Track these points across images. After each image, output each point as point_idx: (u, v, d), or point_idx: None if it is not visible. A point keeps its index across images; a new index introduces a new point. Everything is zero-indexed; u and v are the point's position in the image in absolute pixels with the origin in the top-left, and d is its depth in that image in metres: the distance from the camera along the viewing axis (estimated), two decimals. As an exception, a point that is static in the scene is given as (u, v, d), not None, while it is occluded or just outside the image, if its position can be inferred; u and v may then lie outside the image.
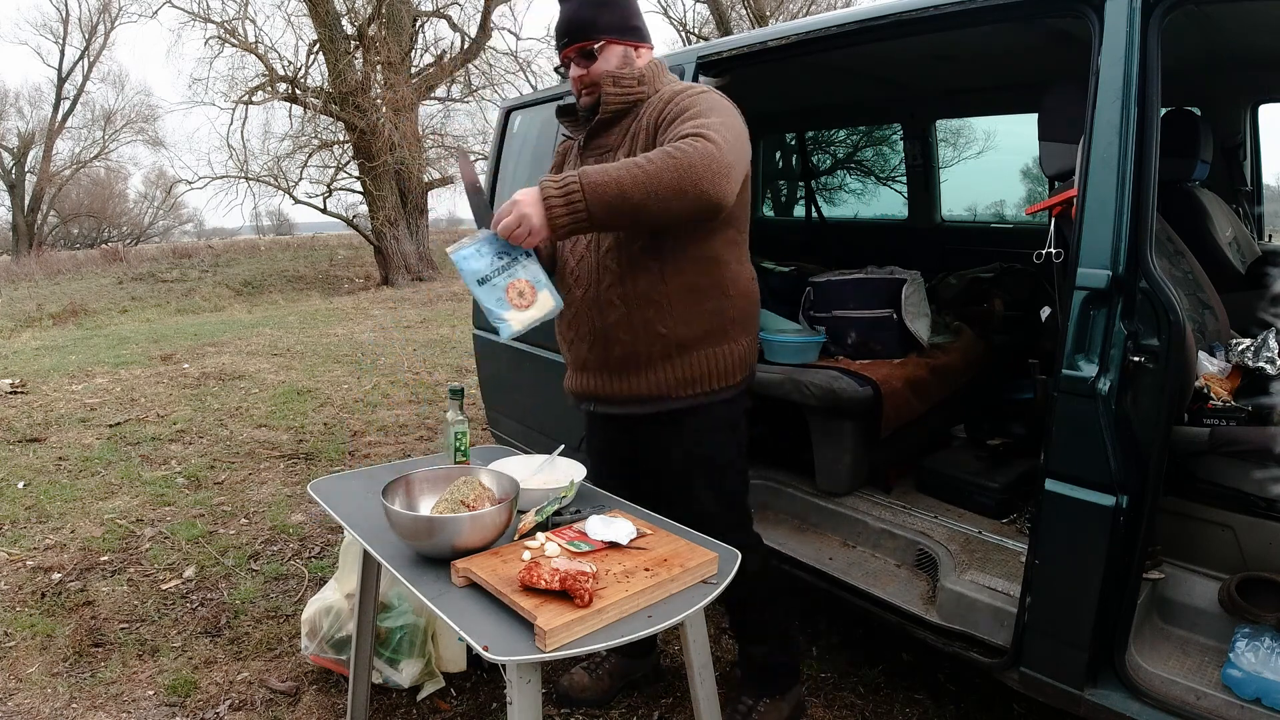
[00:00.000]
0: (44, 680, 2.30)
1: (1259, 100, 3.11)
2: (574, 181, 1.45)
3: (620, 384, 1.81)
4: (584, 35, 1.74)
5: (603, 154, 1.78)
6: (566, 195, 1.45)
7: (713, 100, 1.66)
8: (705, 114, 1.59)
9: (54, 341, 8.30)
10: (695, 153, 1.46)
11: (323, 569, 2.96)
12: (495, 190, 3.51)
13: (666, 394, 1.78)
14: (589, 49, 1.75)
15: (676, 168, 1.44)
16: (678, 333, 1.75)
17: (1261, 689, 1.52)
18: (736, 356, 1.82)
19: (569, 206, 1.46)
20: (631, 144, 1.72)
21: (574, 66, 1.78)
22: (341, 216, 15.20)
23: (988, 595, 1.97)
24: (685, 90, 1.70)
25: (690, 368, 1.77)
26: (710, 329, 1.77)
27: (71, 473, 4.04)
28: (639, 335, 1.75)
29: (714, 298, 1.77)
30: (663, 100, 1.70)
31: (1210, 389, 1.94)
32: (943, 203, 4.19)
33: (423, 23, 14.34)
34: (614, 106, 1.75)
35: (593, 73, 1.76)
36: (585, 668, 2.21)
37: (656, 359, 1.76)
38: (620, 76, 1.74)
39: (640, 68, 1.78)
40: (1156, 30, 1.53)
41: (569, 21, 1.76)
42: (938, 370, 2.71)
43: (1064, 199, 1.82)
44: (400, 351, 7.25)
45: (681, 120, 1.59)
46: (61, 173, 25.63)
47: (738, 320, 1.82)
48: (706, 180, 1.46)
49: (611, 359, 1.79)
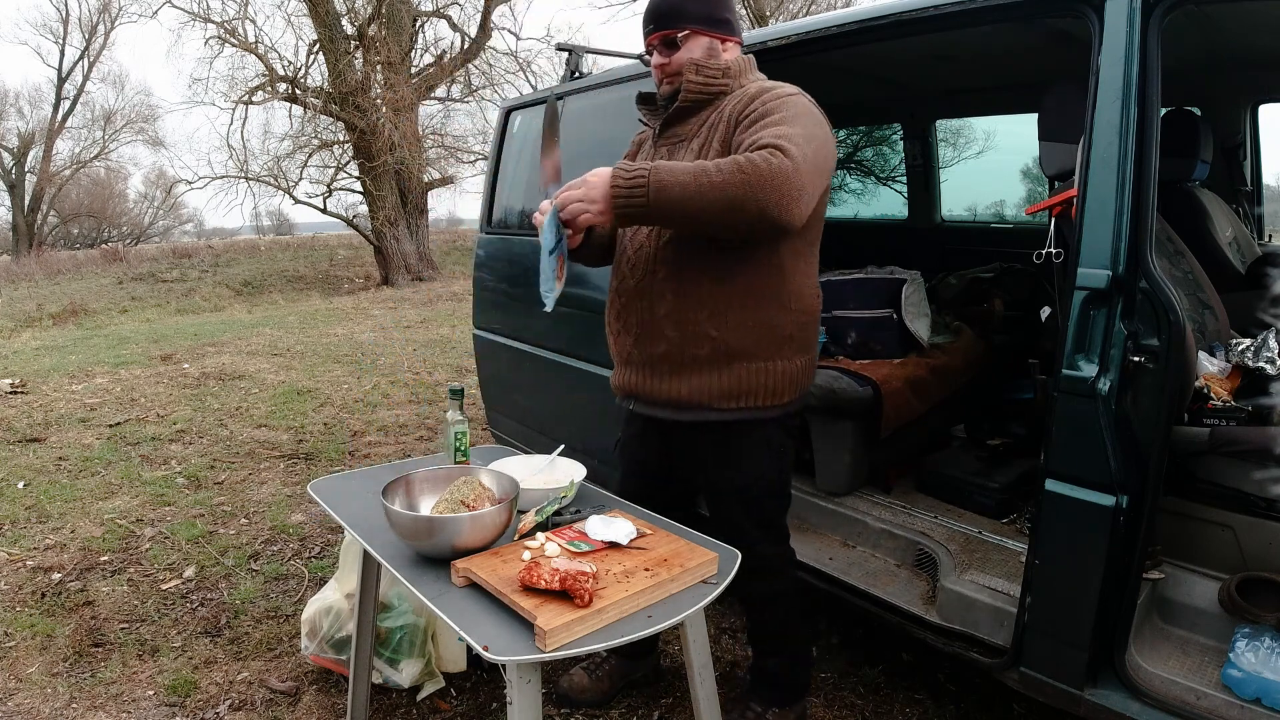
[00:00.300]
0: (44, 680, 2.30)
1: (1259, 100, 3.11)
2: (644, 172, 1.44)
3: (660, 384, 1.74)
4: (669, 23, 1.69)
5: (676, 143, 1.73)
6: (632, 182, 1.44)
7: (800, 106, 1.58)
8: (789, 122, 1.50)
9: (54, 341, 8.30)
10: (768, 169, 1.39)
11: (323, 569, 2.96)
12: (495, 190, 3.52)
13: (707, 403, 1.70)
14: (673, 37, 1.69)
15: (745, 183, 1.39)
16: (727, 339, 1.66)
17: (1261, 689, 1.52)
18: (788, 375, 1.72)
19: (631, 193, 1.44)
20: (708, 135, 1.66)
21: (656, 54, 1.73)
22: (341, 216, 15.21)
23: (988, 595, 1.97)
24: (773, 90, 1.62)
25: (735, 379, 1.68)
26: (763, 341, 1.68)
27: (71, 473, 4.04)
28: (685, 334, 1.67)
29: (771, 309, 1.68)
30: (747, 96, 1.63)
31: (1210, 389, 1.94)
32: (943, 203, 4.19)
33: (423, 23, 14.35)
34: (694, 96, 1.69)
35: (674, 62, 1.70)
36: (585, 668, 2.20)
37: (701, 363, 1.68)
38: (704, 65, 1.68)
39: (726, 60, 1.71)
40: (1156, 30, 1.53)
41: (656, 7, 1.71)
42: (938, 370, 2.71)
43: (1064, 199, 1.82)
44: (400, 351, 7.26)
45: (763, 124, 1.52)
46: (61, 173, 25.64)
47: (795, 337, 1.72)
48: (773, 201, 1.40)
49: (654, 355, 1.73)
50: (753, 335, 1.67)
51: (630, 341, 1.78)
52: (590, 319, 2.76)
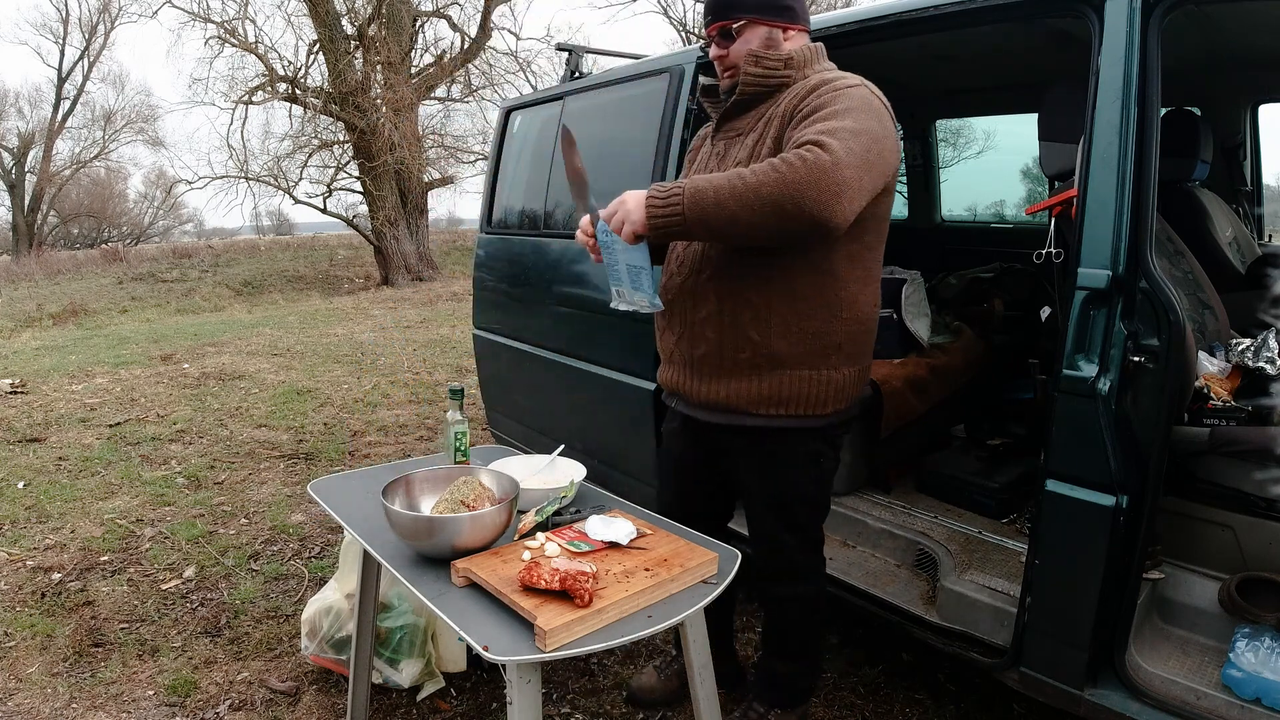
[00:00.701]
0: (44, 680, 2.30)
1: (1259, 100, 3.11)
2: (680, 186, 1.42)
3: (699, 385, 1.71)
4: (725, 13, 1.62)
5: (733, 138, 1.68)
6: (668, 196, 1.42)
7: (857, 98, 1.49)
8: (840, 115, 1.43)
9: (54, 341, 8.30)
10: (804, 167, 1.32)
11: (323, 569, 2.96)
12: (495, 190, 3.51)
13: (745, 408, 1.66)
14: (729, 28, 1.62)
15: (780, 182, 1.32)
16: (771, 344, 1.60)
17: (1261, 689, 1.52)
18: (833, 386, 1.65)
19: (667, 207, 1.41)
20: (764, 130, 1.60)
21: (714, 46, 1.67)
22: (341, 216, 15.21)
23: (988, 595, 1.97)
24: (832, 82, 1.54)
25: (776, 386, 1.63)
26: (809, 350, 1.61)
27: (71, 473, 4.04)
28: (726, 336, 1.63)
29: (820, 316, 1.60)
30: (806, 88, 1.55)
31: (1210, 389, 1.94)
32: (943, 203, 4.19)
33: (423, 23, 14.36)
34: (751, 89, 1.62)
35: (732, 54, 1.64)
36: (657, 667, 2.18)
37: (742, 367, 1.64)
38: (763, 56, 1.60)
39: (788, 50, 1.63)
40: (1156, 30, 1.53)
41: None
42: (938, 370, 2.71)
43: (1064, 199, 1.82)
44: (400, 351, 7.26)
45: (814, 120, 1.45)
46: (61, 173, 25.64)
47: (844, 347, 1.64)
48: (811, 199, 1.32)
49: (695, 356, 1.69)
50: (798, 343, 1.61)
51: (673, 340, 1.75)
52: (590, 319, 2.76)
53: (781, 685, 1.97)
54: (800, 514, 1.79)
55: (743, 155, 1.63)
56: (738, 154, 1.65)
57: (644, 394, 2.46)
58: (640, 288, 1.55)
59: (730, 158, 1.67)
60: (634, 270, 1.55)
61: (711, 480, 1.91)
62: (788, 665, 1.94)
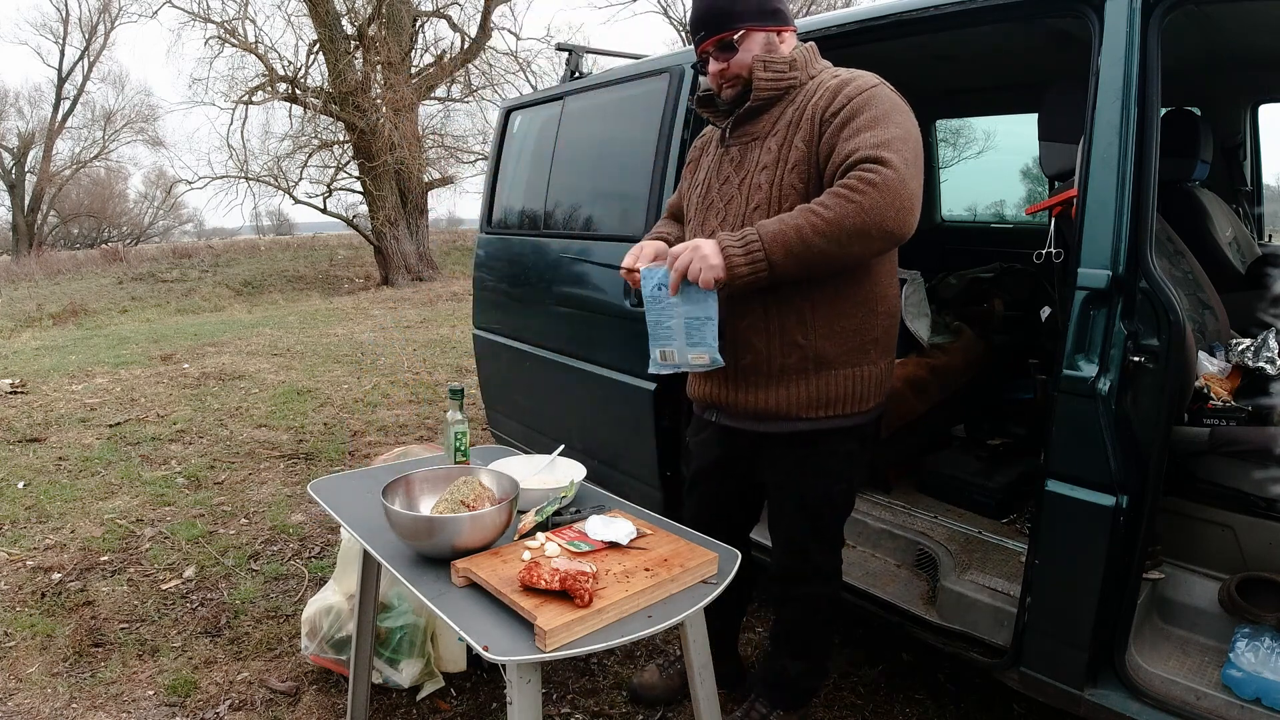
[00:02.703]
0: (44, 680, 2.30)
1: (1259, 100, 3.11)
2: (750, 232, 1.43)
3: (746, 395, 1.69)
4: (722, 25, 1.61)
5: (749, 142, 1.66)
6: (745, 244, 1.42)
7: (886, 100, 1.51)
8: (881, 123, 1.46)
9: (54, 341, 8.30)
10: (876, 191, 1.37)
11: (323, 569, 2.96)
12: (495, 190, 3.52)
13: (795, 413, 1.66)
14: (729, 40, 1.61)
15: (859, 211, 1.37)
16: (817, 346, 1.62)
17: (1261, 689, 1.52)
18: (874, 380, 1.69)
19: (749, 255, 1.42)
20: (788, 133, 1.59)
21: (713, 61, 1.66)
22: (341, 216, 15.21)
23: (988, 595, 1.97)
24: (853, 82, 1.55)
25: (824, 387, 1.65)
26: (851, 347, 1.64)
27: (71, 473, 4.04)
28: (773, 343, 1.63)
29: (860, 313, 1.63)
30: (828, 91, 1.56)
31: (1210, 389, 1.94)
32: (943, 203, 4.19)
33: (423, 23, 14.36)
34: (766, 93, 1.61)
35: (734, 65, 1.63)
36: (659, 665, 2.19)
37: (790, 372, 1.64)
38: (770, 60, 1.60)
39: (788, 52, 1.64)
40: (1156, 30, 1.53)
41: (705, 12, 1.63)
42: (938, 370, 2.71)
43: (1064, 199, 1.82)
44: (400, 351, 7.26)
45: (854, 129, 1.47)
46: (61, 173, 25.64)
47: (880, 340, 1.68)
48: (891, 219, 1.38)
49: (740, 366, 1.67)
50: (841, 341, 1.63)
51: None
52: (590, 319, 2.76)
53: (788, 685, 1.96)
54: (829, 517, 1.80)
55: (766, 159, 1.61)
56: (759, 157, 1.63)
57: (644, 394, 2.46)
58: (702, 341, 1.54)
59: (750, 161, 1.65)
60: (696, 323, 1.53)
61: (739, 488, 1.92)
62: (798, 665, 1.94)
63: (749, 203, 1.62)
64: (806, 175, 1.56)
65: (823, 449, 1.70)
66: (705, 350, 1.54)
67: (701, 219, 1.73)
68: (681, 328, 1.55)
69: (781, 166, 1.58)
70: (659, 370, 1.63)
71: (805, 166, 1.56)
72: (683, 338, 1.56)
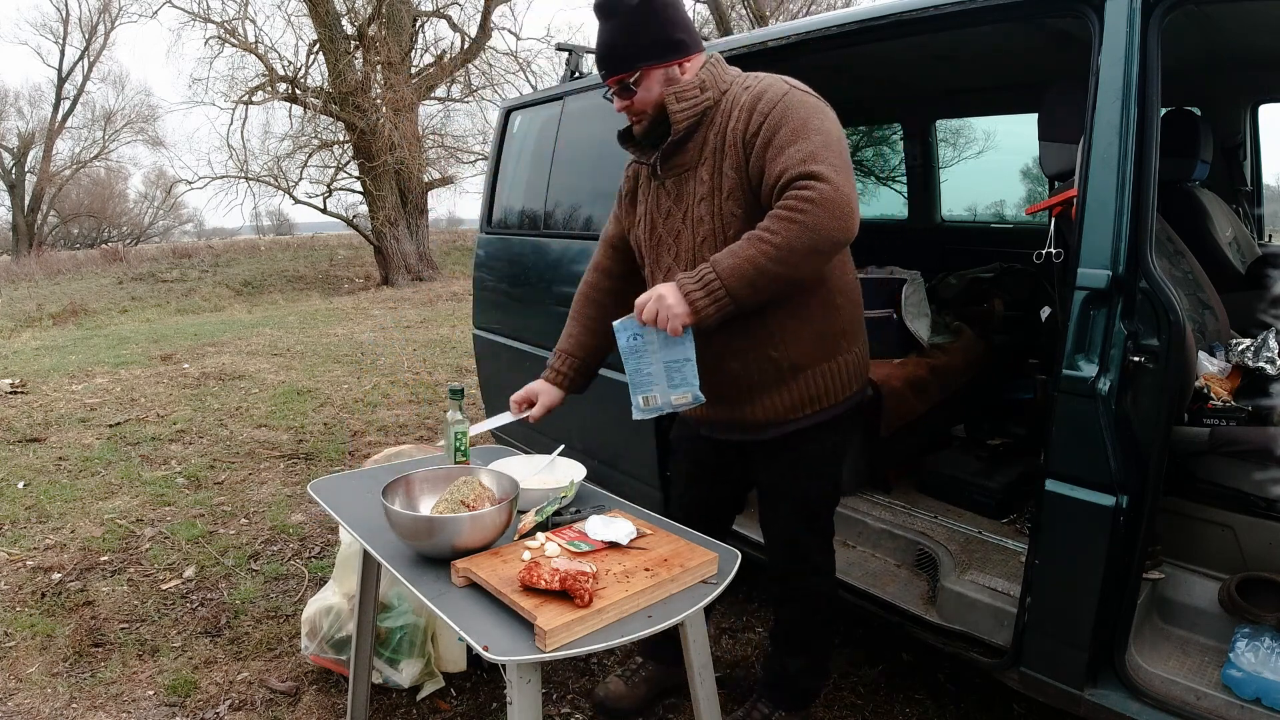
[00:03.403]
0: (44, 680, 2.30)
1: (1259, 100, 3.11)
2: (707, 271, 1.46)
3: (730, 411, 1.73)
4: (618, 66, 1.61)
5: (682, 173, 1.66)
6: (704, 283, 1.46)
7: (800, 107, 1.53)
8: (801, 134, 1.48)
9: (54, 341, 8.30)
10: (816, 209, 1.40)
11: (323, 569, 2.96)
12: (495, 190, 3.52)
13: (779, 419, 1.71)
14: (625, 82, 1.62)
15: (805, 231, 1.41)
16: (789, 355, 1.66)
17: (1261, 689, 1.52)
18: (848, 369, 1.73)
19: (709, 294, 1.45)
20: (715, 160, 1.60)
21: (616, 98, 1.67)
22: (341, 216, 15.20)
23: (988, 595, 1.97)
24: (764, 96, 1.55)
25: (802, 389, 1.69)
26: (821, 346, 1.68)
27: (71, 473, 4.04)
28: (749, 362, 1.67)
29: (822, 313, 1.67)
30: (743, 109, 1.56)
31: (1210, 389, 1.94)
32: (943, 203, 4.19)
33: (423, 23, 14.36)
34: (684, 123, 1.61)
35: (637, 104, 1.64)
36: (621, 676, 2.16)
37: (769, 384, 1.68)
38: (680, 91, 1.59)
39: (698, 77, 1.62)
40: (1156, 30, 1.53)
41: (605, 52, 1.63)
42: (938, 370, 2.71)
43: (1064, 199, 1.82)
44: (400, 351, 7.25)
45: (778, 147, 1.49)
46: (61, 173, 25.64)
47: (847, 330, 1.72)
48: (837, 230, 1.42)
49: (722, 387, 1.70)
50: (810, 344, 1.67)
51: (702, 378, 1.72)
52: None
53: (789, 684, 1.97)
54: (821, 510, 1.85)
55: (702, 190, 1.63)
56: (695, 189, 1.64)
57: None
58: (684, 381, 1.57)
59: (687, 193, 1.66)
60: (676, 365, 1.56)
61: (733, 491, 1.97)
62: (797, 662, 1.95)
63: (696, 235, 1.64)
64: (744, 200, 1.58)
65: (810, 448, 1.75)
66: (688, 390, 1.58)
67: (655, 256, 1.75)
68: (662, 372, 1.59)
69: (718, 196, 1.60)
70: (643, 416, 1.64)
71: (741, 193, 1.58)
72: (664, 381, 1.59)
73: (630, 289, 1.82)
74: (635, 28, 1.59)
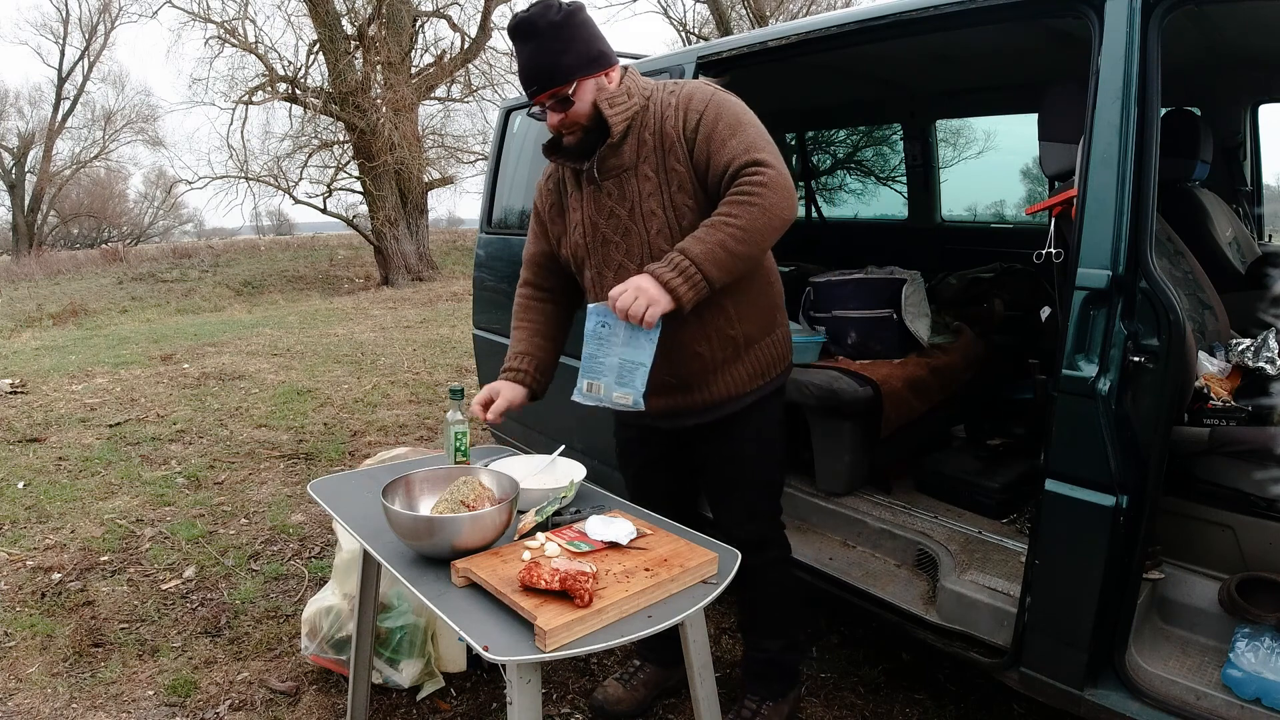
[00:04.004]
0: (44, 680, 2.30)
1: (1259, 100, 3.11)
2: (679, 259, 1.54)
3: (693, 396, 1.80)
4: (555, 79, 1.65)
5: (622, 174, 1.71)
6: (682, 270, 1.54)
7: (729, 104, 1.66)
8: (738, 127, 1.62)
9: (54, 341, 8.30)
10: (770, 191, 1.55)
11: (323, 569, 2.96)
12: (495, 190, 3.51)
13: (737, 394, 1.81)
14: (563, 94, 1.66)
15: (764, 213, 1.55)
16: (744, 331, 1.78)
17: (1261, 689, 1.52)
18: (785, 340, 1.90)
19: (687, 279, 1.53)
20: (657, 157, 1.68)
21: (550, 113, 1.70)
22: (341, 216, 15.20)
23: (988, 595, 1.97)
24: (695, 95, 1.67)
25: (753, 362, 1.82)
26: (765, 320, 1.83)
27: (71, 473, 4.04)
28: (713, 343, 1.76)
29: (763, 289, 1.82)
30: (677, 110, 1.67)
31: (1210, 389, 1.94)
32: (943, 203, 4.19)
33: (423, 23, 14.35)
34: (622, 126, 1.69)
35: (572, 115, 1.68)
36: (619, 679, 2.16)
37: (729, 361, 1.79)
38: (612, 98, 1.68)
39: (623, 85, 1.71)
40: (1156, 30, 1.53)
41: (535, 69, 1.67)
42: (938, 370, 2.71)
43: (1064, 199, 1.82)
44: (400, 351, 7.25)
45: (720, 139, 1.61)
46: (61, 173, 25.65)
47: (779, 305, 1.89)
48: (787, 208, 1.58)
49: (689, 373, 1.78)
50: (757, 318, 1.80)
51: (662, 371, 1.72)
52: (590, 319, 2.75)
53: (767, 669, 2.01)
54: (775, 479, 1.97)
55: (649, 186, 1.69)
56: (639, 186, 1.70)
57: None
58: (631, 385, 1.61)
59: (632, 191, 1.71)
60: (630, 367, 1.61)
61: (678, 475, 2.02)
62: (773, 643, 2.01)
63: (648, 229, 1.71)
64: (693, 191, 1.68)
65: (759, 417, 1.86)
66: (631, 392, 1.62)
67: (602, 256, 1.78)
68: (615, 367, 1.62)
69: (667, 190, 1.68)
70: (582, 400, 1.68)
71: (690, 184, 1.68)
72: (614, 376, 1.63)
73: (563, 300, 1.99)
74: (562, 43, 1.65)
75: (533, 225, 1.99)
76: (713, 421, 1.83)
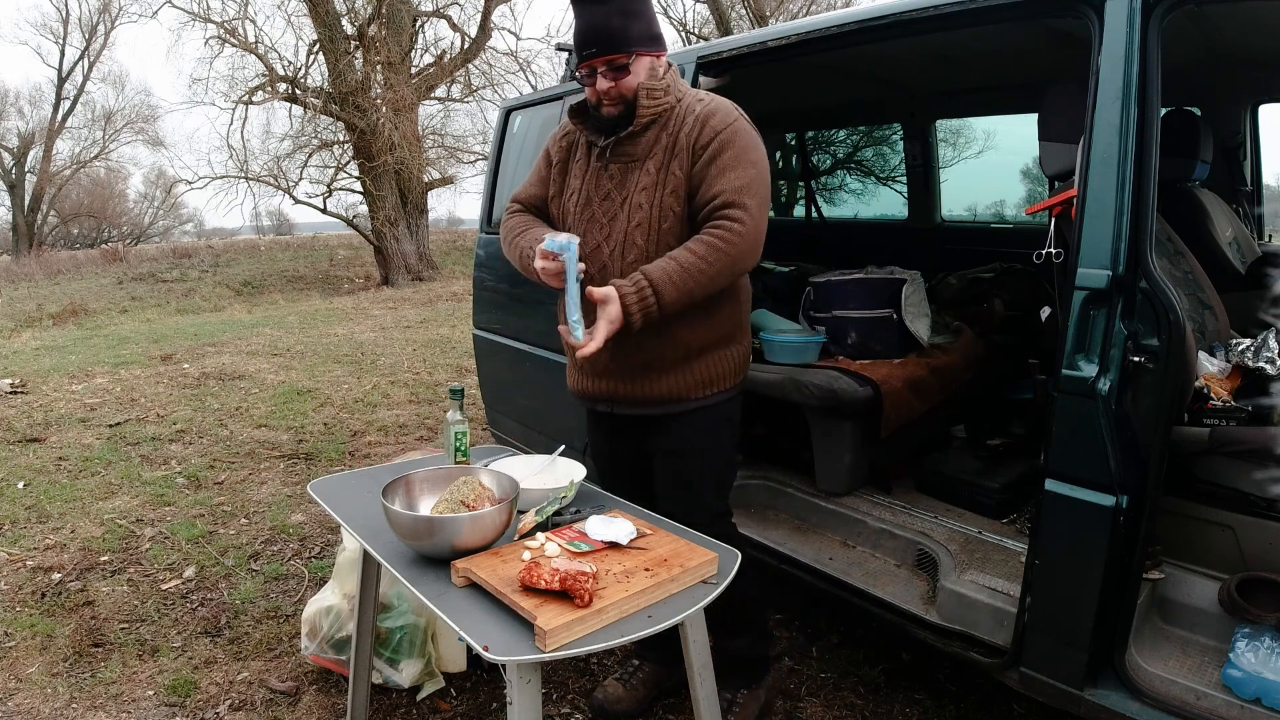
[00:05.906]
0: (44, 680, 2.30)
1: (1259, 100, 3.11)
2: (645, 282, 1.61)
3: (639, 387, 1.84)
4: (617, 47, 1.68)
5: (629, 163, 1.76)
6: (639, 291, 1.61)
7: (745, 136, 1.70)
8: (741, 163, 1.67)
9: (54, 341, 8.30)
10: (741, 240, 1.64)
11: (323, 569, 2.96)
12: (495, 190, 3.51)
13: (684, 395, 1.83)
14: (621, 62, 1.69)
15: (726, 257, 1.64)
16: (699, 338, 1.80)
17: (1261, 689, 1.52)
18: (741, 357, 1.91)
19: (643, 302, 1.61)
20: (664, 158, 1.72)
21: (601, 79, 1.72)
22: (341, 216, 15.19)
23: (988, 595, 1.97)
24: (718, 114, 1.71)
25: (705, 370, 1.84)
26: (724, 334, 1.85)
27: (71, 473, 4.04)
28: (665, 342, 1.78)
29: (730, 305, 1.84)
30: (697, 120, 1.71)
31: (1210, 389, 1.94)
32: (943, 203, 4.19)
33: (423, 23, 14.35)
34: (646, 118, 1.73)
35: (623, 86, 1.71)
36: (619, 679, 2.16)
37: (678, 363, 1.81)
38: (653, 88, 1.72)
39: (667, 78, 1.75)
40: (1156, 30, 1.53)
41: (598, 31, 1.68)
42: (938, 370, 2.71)
43: (1064, 199, 1.82)
44: (400, 351, 7.25)
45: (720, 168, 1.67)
46: (61, 173, 25.65)
47: (742, 324, 1.90)
48: (750, 258, 1.69)
49: (633, 364, 1.81)
50: (717, 331, 1.83)
51: (605, 355, 1.77)
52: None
53: (739, 664, 2.03)
54: (726, 470, 1.99)
55: (646, 182, 1.74)
56: (639, 179, 1.75)
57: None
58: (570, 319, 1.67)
59: (631, 182, 1.76)
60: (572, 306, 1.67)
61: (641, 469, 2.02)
62: (740, 641, 2.03)
63: (630, 221, 1.75)
64: (682, 197, 1.73)
65: (710, 419, 1.88)
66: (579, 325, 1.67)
67: (583, 231, 1.81)
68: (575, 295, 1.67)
69: (660, 190, 1.73)
70: None
71: (682, 191, 1.73)
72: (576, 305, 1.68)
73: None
74: (631, 14, 1.69)
75: (537, 169, 1.98)
76: (657, 416, 1.86)
